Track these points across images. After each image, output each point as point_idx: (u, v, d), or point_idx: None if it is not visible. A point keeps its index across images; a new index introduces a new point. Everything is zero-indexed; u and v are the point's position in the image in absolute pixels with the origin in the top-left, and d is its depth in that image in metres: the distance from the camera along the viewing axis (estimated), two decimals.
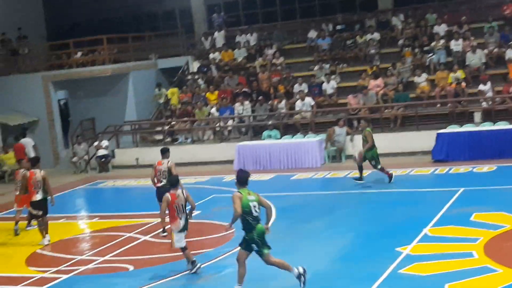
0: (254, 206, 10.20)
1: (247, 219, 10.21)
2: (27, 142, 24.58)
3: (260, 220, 10.34)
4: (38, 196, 14.86)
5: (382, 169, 17.93)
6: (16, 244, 15.21)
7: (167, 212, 11.90)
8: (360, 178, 17.91)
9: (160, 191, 14.21)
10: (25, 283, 12.34)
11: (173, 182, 12.08)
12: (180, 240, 11.77)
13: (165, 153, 15.14)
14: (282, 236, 13.81)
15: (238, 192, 10.25)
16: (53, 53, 29.10)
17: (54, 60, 28.74)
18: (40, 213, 14.89)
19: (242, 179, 10.42)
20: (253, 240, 10.30)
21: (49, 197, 15.09)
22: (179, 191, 11.86)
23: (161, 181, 14.69)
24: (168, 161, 14.94)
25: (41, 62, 28.43)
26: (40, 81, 26.70)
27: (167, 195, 11.80)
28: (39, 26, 31.91)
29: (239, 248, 10.49)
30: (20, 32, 29.28)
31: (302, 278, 10.28)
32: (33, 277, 12.64)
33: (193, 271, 11.75)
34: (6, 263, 13.88)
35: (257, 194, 10.44)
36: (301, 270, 10.36)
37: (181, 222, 11.74)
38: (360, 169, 17.91)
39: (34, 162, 15.40)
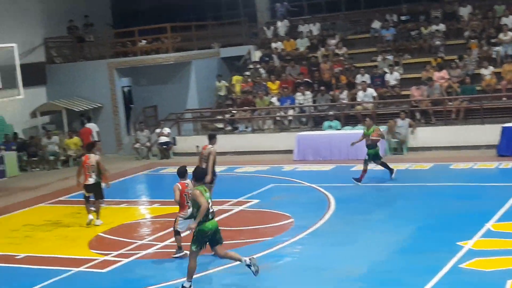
0: (210, 202, 10.51)
1: (205, 214, 10.44)
2: (93, 127, 25.17)
3: (214, 217, 10.67)
4: (90, 180, 15.38)
5: (383, 164, 17.86)
6: (80, 227, 15.54)
7: None
8: (391, 173, 17.88)
9: None
10: (87, 265, 12.62)
11: (181, 172, 12.42)
12: (182, 226, 12.24)
13: (211, 138, 15.56)
14: (342, 227, 13.79)
15: (197, 189, 10.52)
16: (118, 40, 29.55)
17: (119, 48, 29.19)
18: (89, 195, 15.45)
19: (199, 176, 10.89)
20: (206, 234, 10.54)
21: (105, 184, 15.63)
22: (188, 180, 12.25)
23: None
24: (212, 147, 15.31)
25: (106, 50, 28.91)
26: (105, 68, 27.18)
27: (178, 184, 12.28)
28: (105, 14, 32.41)
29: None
30: (86, 20, 29.82)
31: (253, 268, 10.49)
32: (95, 260, 12.92)
33: (176, 255, 12.34)
34: (69, 245, 14.21)
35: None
36: (247, 261, 10.60)
37: (189, 210, 11.99)
38: (385, 165, 17.82)
39: (90, 147, 16.05)
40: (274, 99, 25.26)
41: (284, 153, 22.86)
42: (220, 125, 25.89)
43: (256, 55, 28.83)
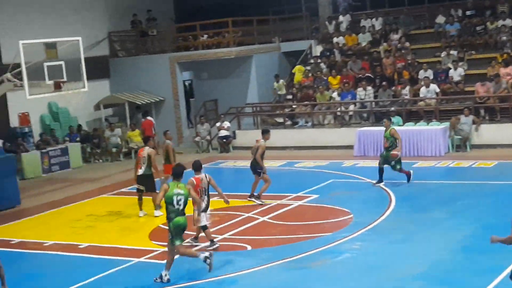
0: (179, 200, 10.96)
1: (168, 209, 11.06)
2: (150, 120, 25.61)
3: (182, 214, 11.05)
4: (140, 171, 15.82)
5: (401, 170, 17.21)
6: (141, 218, 15.75)
7: None
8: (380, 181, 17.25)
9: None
10: (148, 256, 12.79)
11: (196, 166, 12.88)
12: (202, 220, 12.60)
13: (264, 133, 16.60)
14: (402, 224, 13.62)
15: (167, 184, 11.18)
16: (180, 35, 29.80)
17: (181, 42, 29.45)
18: (142, 187, 15.81)
19: (177, 172, 11.31)
20: (169, 229, 11.10)
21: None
22: (202, 175, 12.75)
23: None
24: (262, 141, 16.38)
25: (168, 44, 29.20)
26: (167, 62, 27.46)
27: (192, 179, 12.58)
28: (168, 8, 32.70)
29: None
30: (149, 14, 30.14)
31: (208, 261, 11.07)
32: (155, 251, 13.07)
33: (210, 248, 12.52)
34: (130, 236, 14.43)
35: (188, 189, 11.36)
36: (206, 254, 11.18)
37: (203, 204, 12.55)
38: (381, 171, 17.27)
39: (145, 140, 16.49)
40: (334, 94, 25.11)
41: (344, 149, 22.71)
42: (280, 120, 25.86)
43: (317, 49, 28.68)
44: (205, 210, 12.69)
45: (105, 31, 28.73)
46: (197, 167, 12.88)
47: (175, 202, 10.99)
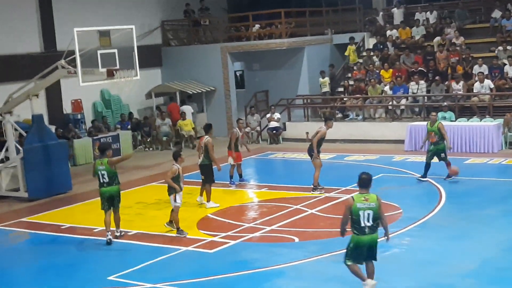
0: (103, 174, 13.22)
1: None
2: (187, 108, 26.24)
3: (108, 185, 13.29)
4: (199, 161, 16.10)
5: (448, 164, 16.89)
6: (190, 207, 15.83)
7: None
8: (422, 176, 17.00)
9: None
10: (195, 245, 12.85)
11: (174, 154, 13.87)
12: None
13: (327, 121, 16.66)
14: (454, 221, 13.44)
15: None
16: (233, 25, 29.83)
17: (233, 32, 29.48)
18: (202, 177, 15.96)
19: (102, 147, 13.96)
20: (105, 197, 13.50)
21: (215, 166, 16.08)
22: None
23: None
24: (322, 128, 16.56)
25: (220, 34, 29.27)
26: (219, 52, 27.52)
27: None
28: None
29: None
30: (202, 4, 30.24)
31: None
32: (203, 240, 13.14)
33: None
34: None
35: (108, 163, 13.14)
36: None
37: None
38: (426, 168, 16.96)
39: (206, 129, 16.59)
40: (386, 88, 24.84)
41: (395, 143, 22.46)
42: (338, 113, 25.70)
43: (370, 42, 28.40)
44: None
45: (158, 20, 28.94)
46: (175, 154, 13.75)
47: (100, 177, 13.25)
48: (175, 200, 13.39)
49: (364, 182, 9.64)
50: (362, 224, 9.36)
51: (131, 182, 19.49)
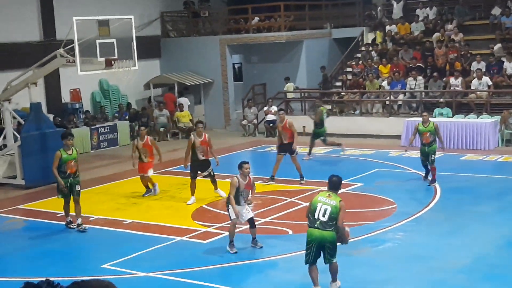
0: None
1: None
2: (184, 100, 26.34)
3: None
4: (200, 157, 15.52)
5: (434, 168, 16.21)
6: (185, 198, 15.88)
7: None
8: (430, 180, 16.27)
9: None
10: (190, 235, 12.91)
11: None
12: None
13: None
14: (448, 216, 13.50)
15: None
16: (232, 17, 29.83)
17: (232, 24, 29.49)
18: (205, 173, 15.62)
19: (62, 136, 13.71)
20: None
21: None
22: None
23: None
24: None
25: (219, 26, 29.27)
26: (218, 44, 27.52)
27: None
28: None
29: None
30: None
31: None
32: (197, 231, 13.19)
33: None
34: (174, 214, 14.57)
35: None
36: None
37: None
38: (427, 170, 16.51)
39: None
40: (384, 83, 24.88)
41: (392, 138, 22.50)
42: (328, 106, 25.72)
43: (369, 37, 28.43)
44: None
45: (157, 11, 28.92)
46: None
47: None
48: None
49: (333, 184, 9.82)
50: (316, 216, 9.49)
51: (127, 172, 19.52)
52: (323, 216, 9.43)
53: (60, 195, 13.73)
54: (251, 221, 11.92)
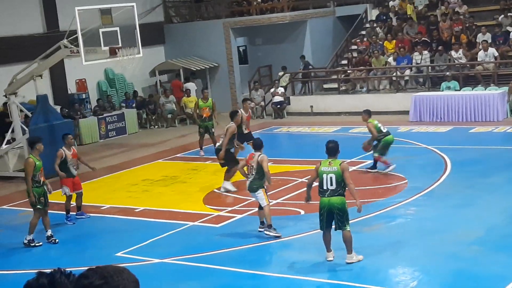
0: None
1: None
2: (191, 85, 26.12)
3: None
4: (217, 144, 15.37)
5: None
6: (196, 183, 15.92)
7: None
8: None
9: None
10: (202, 220, 12.94)
11: (257, 145, 12.03)
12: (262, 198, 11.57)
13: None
14: (458, 190, 13.46)
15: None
16: (234, 0, 29.72)
17: (235, 7, 29.37)
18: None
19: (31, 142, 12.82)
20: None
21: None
22: (257, 154, 11.70)
23: None
24: None
25: (222, 9, 29.16)
26: (221, 28, 27.43)
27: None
28: None
29: None
30: None
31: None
32: (209, 215, 13.22)
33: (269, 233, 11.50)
34: (185, 200, 14.60)
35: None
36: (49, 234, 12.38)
37: (247, 183, 11.75)
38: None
39: (232, 116, 15.57)
40: (390, 59, 24.75)
41: (400, 114, 22.43)
42: (335, 85, 25.66)
43: (373, 14, 28.25)
44: (249, 189, 11.83)
45: None
46: (257, 145, 12.08)
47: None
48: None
49: (330, 150, 10.15)
50: (325, 187, 9.87)
51: (137, 159, 19.58)
52: (331, 185, 9.80)
53: (40, 206, 12.30)
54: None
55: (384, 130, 15.32)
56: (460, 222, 11.47)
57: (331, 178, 9.80)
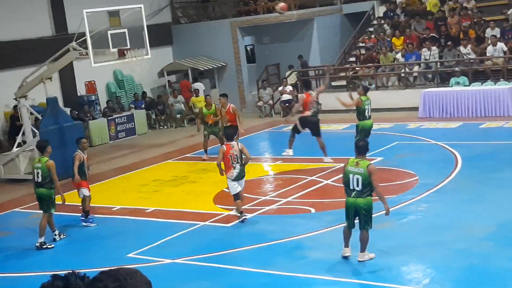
0: (37, 173, 12.31)
1: None
2: (200, 85, 25.98)
3: (39, 186, 12.38)
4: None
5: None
6: (205, 183, 15.94)
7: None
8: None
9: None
10: (212, 219, 12.96)
11: (228, 135, 12.86)
12: (233, 188, 12.42)
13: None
14: (469, 185, 13.43)
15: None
16: None
17: (242, 7, 29.37)
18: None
19: (39, 148, 12.87)
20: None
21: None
22: (233, 143, 12.51)
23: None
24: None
25: (229, 9, 29.18)
26: (229, 27, 27.44)
27: (223, 146, 12.67)
28: None
29: None
30: None
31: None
32: (219, 215, 13.24)
33: (239, 220, 12.41)
34: (195, 200, 14.62)
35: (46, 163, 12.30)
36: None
37: (235, 172, 12.32)
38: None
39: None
40: (398, 55, 24.69)
41: (409, 111, 22.38)
42: (343, 83, 25.62)
43: (380, 10, 28.19)
44: (236, 179, 12.40)
45: None
46: (229, 136, 12.88)
47: (35, 175, 12.49)
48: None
49: (360, 148, 9.97)
50: (351, 187, 9.73)
51: (146, 160, 19.62)
52: (357, 186, 9.65)
53: (54, 209, 12.57)
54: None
55: (367, 115, 15.28)
56: (471, 218, 11.44)
57: (357, 179, 9.63)
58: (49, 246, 12.37)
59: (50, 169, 12.35)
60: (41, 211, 12.61)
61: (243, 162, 12.39)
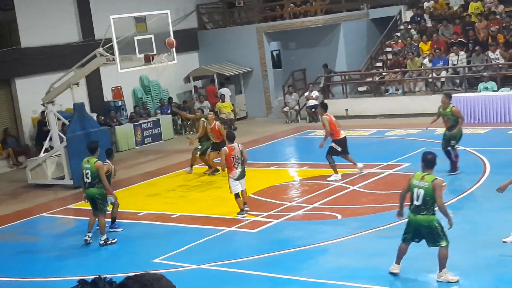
0: (86, 174, 12.55)
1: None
2: (226, 91, 26.16)
3: (90, 186, 12.57)
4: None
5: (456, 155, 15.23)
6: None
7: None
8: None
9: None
10: (239, 225, 12.93)
11: (230, 137, 13.50)
12: (234, 188, 13.17)
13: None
14: (498, 192, 13.21)
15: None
16: (267, 5, 29.72)
17: (268, 12, 29.37)
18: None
19: (90, 149, 12.91)
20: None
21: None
22: (235, 144, 13.23)
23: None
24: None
25: (255, 14, 29.20)
26: (255, 33, 27.45)
27: (225, 148, 13.28)
28: None
29: None
30: None
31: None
32: (246, 220, 13.20)
33: (238, 216, 13.16)
34: (222, 205, 14.59)
35: (94, 164, 12.46)
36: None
37: (237, 172, 13.08)
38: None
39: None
40: (425, 61, 24.51)
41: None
42: (370, 88, 25.49)
43: (407, 15, 28.02)
44: (238, 178, 13.15)
45: (193, 4, 28.96)
46: (231, 138, 13.47)
47: (84, 176, 12.62)
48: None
49: (427, 162, 9.46)
50: (413, 201, 9.32)
51: (173, 165, 19.66)
52: (417, 200, 9.25)
53: (108, 207, 13.13)
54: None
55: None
56: (501, 225, 11.27)
57: (419, 193, 9.20)
58: (113, 242, 12.72)
59: (99, 170, 12.58)
60: (92, 215, 12.84)
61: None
